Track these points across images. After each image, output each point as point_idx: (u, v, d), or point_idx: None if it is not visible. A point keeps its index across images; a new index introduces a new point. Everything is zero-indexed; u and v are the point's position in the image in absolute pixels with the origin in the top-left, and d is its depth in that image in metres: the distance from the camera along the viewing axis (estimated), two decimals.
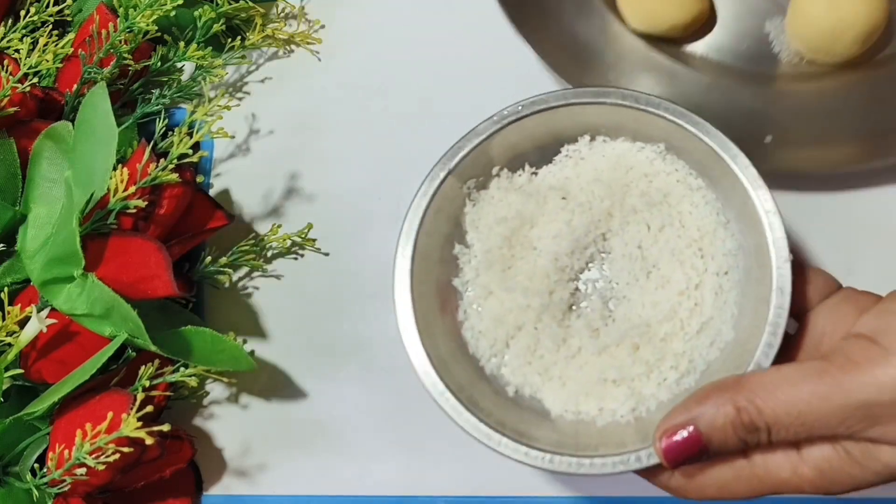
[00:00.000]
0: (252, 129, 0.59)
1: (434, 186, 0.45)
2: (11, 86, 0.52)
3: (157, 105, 0.56)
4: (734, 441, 0.41)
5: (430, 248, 0.46)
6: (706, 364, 0.44)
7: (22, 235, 0.53)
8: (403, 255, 0.45)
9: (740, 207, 0.44)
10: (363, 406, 0.55)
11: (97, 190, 0.50)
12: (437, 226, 0.46)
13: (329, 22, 0.59)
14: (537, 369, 0.45)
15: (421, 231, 0.45)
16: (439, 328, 0.45)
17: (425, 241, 0.45)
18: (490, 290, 0.46)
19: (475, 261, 0.47)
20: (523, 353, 0.45)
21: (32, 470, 0.50)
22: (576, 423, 0.45)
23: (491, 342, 0.46)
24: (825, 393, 0.39)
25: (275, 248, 0.56)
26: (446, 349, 0.45)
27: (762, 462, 0.42)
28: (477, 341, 0.46)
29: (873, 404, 0.39)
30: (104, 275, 0.49)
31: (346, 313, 0.56)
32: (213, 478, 0.55)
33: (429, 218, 0.45)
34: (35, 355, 0.51)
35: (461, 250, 0.47)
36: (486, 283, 0.46)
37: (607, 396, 0.45)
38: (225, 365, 0.51)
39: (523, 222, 0.47)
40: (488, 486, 0.53)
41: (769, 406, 0.40)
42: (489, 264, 0.46)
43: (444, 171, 0.45)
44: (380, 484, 0.54)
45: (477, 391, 0.44)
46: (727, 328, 0.44)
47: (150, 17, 0.54)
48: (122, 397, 0.48)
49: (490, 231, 0.47)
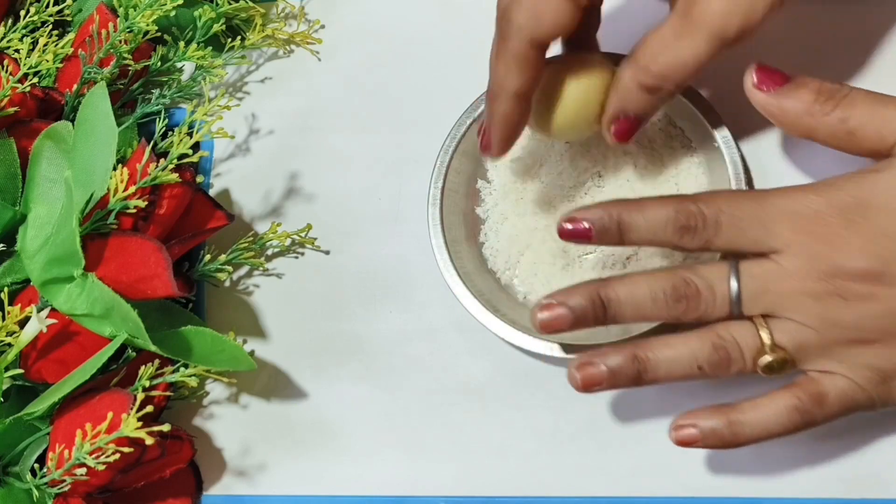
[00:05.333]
0: (252, 129, 0.59)
1: (461, 131, 0.54)
2: (11, 86, 0.52)
3: (157, 105, 0.56)
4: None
5: (458, 183, 0.54)
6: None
7: (22, 235, 0.53)
8: (436, 186, 0.53)
9: (709, 147, 0.53)
10: (363, 406, 0.55)
11: (97, 190, 0.50)
12: (463, 165, 0.54)
13: (329, 22, 0.59)
14: (541, 280, 0.54)
15: (450, 169, 0.53)
16: (464, 249, 0.54)
17: (454, 178, 0.54)
18: (506, 216, 0.55)
19: (495, 193, 0.55)
20: (530, 267, 0.54)
21: (32, 470, 0.50)
22: None
23: (505, 258, 0.54)
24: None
25: (275, 246, 0.56)
26: (471, 265, 0.54)
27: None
28: (495, 258, 0.55)
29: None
30: (104, 275, 0.49)
31: (347, 313, 0.56)
32: (213, 478, 0.55)
33: (456, 158, 0.54)
34: (35, 355, 0.51)
35: (483, 184, 0.56)
36: (503, 211, 0.55)
37: None
38: (225, 365, 0.51)
39: (534, 161, 0.55)
40: (488, 486, 0.53)
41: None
42: (505, 195, 0.55)
43: (470, 119, 0.54)
44: (380, 484, 0.54)
45: (495, 297, 0.53)
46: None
47: (150, 17, 0.54)
48: (122, 397, 0.48)
49: (507, 168, 0.55)
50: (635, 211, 0.47)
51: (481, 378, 0.54)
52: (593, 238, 0.47)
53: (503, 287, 0.54)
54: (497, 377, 0.54)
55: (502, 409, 0.54)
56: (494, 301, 0.53)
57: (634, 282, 0.47)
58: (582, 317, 0.47)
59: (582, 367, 0.47)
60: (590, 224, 0.47)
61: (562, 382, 0.53)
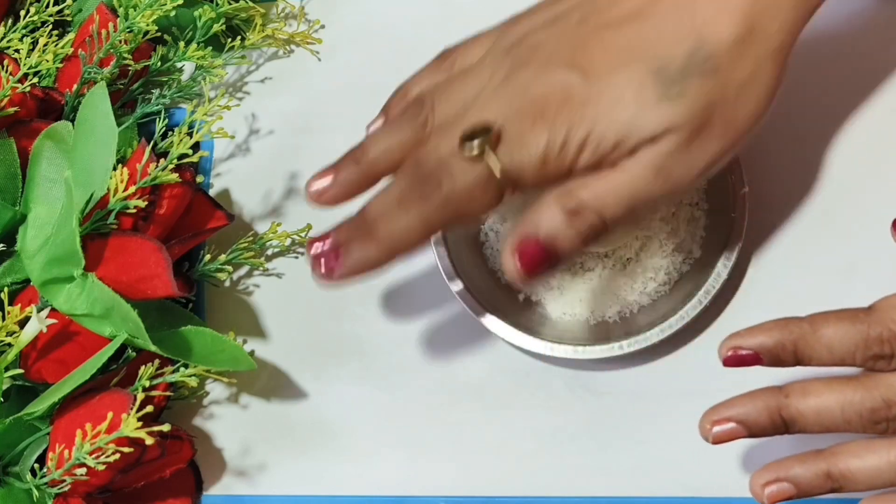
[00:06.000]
0: (252, 129, 0.59)
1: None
2: (11, 86, 0.52)
3: (157, 105, 0.56)
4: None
5: None
6: (679, 275, 0.53)
7: (22, 235, 0.53)
8: None
9: None
10: (363, 406, 0.55)
11: (97, 190, 0.50)
12: None
13: (329, 22, 0.59)
14: (540, 280, 0.54)
15: None
16: (465, 249, 0.54)
17: None
18: (505, 217, 0.54)
19: None
20: None
21: (32, 470, 0.50)
22: (572, 322, 0.54)
23: None
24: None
25: (275, 246, 0.57)
26: (471, 265, 0.54)
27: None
28: (494, 258, 0.54)
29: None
30: (104, 275, 0.49)
31: (347, 313, 0.56)
32: (213, 478, 0.55)
33: None
34: (35, 355, 0.51)
35: None
36: (502, 211, 0.54)
37: (597, 302, 0.53)
38: (225, 365, 0.51)
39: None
40: (488, 486, 0.53)
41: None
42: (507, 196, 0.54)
43: None
44: (380, 484, 0.54)
45: (495, 297, 0.53)
46: (696, 247, 0.53)
47: (150, 17, 0.54)
48: (122, 397, 0.48)
49: None
50: (812, 339, 0.44)
51: (481, 378, 0.54)
52: (763, 364, 0.44)
53: (503, 287, 0.54)
54: (497, 377, 0.54)
55: (502, 409, 0.54)
56: (494, 301, 0.53)
57: (821, 398, 0.44)
58: (759, 433, 0.44)
59: (768, 486, 0.45)
60: (759, 352, 0.44)
61: (562, 382, 0.53)
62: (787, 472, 0.44)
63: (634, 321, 0.53)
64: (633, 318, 0.53)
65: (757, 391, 0.45)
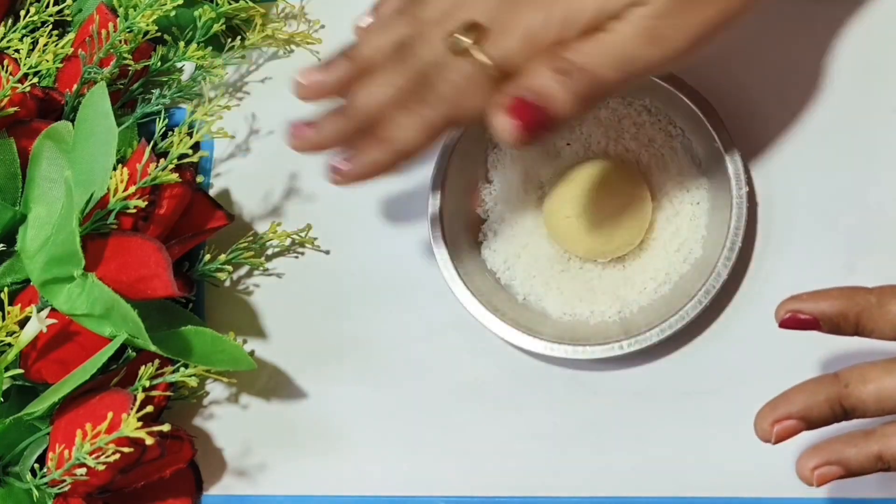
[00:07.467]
0: (252, 129, 0.59)
1: (461, 131, 0.53)
2: (11, 86, 0.52)
3: (157, 105, 0.56)
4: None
5: (458, 183, 0.54)
6: (679, 276, 0.53)
7: (22, 235, 0.53)
8: (436, 186, 0.53)
9: (709, 148, 0.53)
10: (363, 406, 0.55)
11: (97, 190, 0.50)
12: (465, 165, 0.55)
13: (329, 22, 0.59)
14: (540, 281, 0.54)
15: (450, 169, 0.54)
16: (464, 249, 0.54)
17: (453, 177, 0.54)
18: (504, 217, 0.55)
19: (495, 193, 0.55)
20: (528, 268, 0.54)
21: (32, 470, 0.50)
22: (572, 322, 0.54)
23: (504, 258, 0.55)
24: None
25: (275, 246, 0.57)
26: (471, 265, 0.54)
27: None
28: (494, 258, 0.55)
29: None
30: (104, 275, 0.49)
31: (347, 313, 0.56)
32: (213, 478, 0.55)
33: (456, 158, 0.54)
34: (35, 355, 0.51)
35: (483, 185, 0.56)
36: (502, 211, 0.55)
37: (597, 302, 0.54)
38: (225, 365, 0.51)
39: (534, 162, 0.55)
40: (488, 486, 0.53)
41: None
42: (506, 196, 0.55)
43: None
44: (380, 484, 0.54)
45: (495, 297, 0.53)
46: (697, 247, 0.53)
47: (150, 17, 0.54)
48: (122, 397, 0.48)
49: (507, 169, 0.55)
50: (877, 313, 0.42)
51: (481, 378, 0.54)
52: (821, 330, 0.43)
53: (503, 287, 0.54)
54: (497, 377, 0.54)
55: (502, 409, 0.54)
56: (494, 301, 0.53)
57: (881, 383, 0.42)
58: (819, 425, 0.43)
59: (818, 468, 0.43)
60: (819, 318, 0.43)
61: (562, 382, 0.53)
62: (838, 455, 0.43)
63: (634, 321, 0.53)
64: (633, 318, 0.53)
65: (811, 382, 0.43)
